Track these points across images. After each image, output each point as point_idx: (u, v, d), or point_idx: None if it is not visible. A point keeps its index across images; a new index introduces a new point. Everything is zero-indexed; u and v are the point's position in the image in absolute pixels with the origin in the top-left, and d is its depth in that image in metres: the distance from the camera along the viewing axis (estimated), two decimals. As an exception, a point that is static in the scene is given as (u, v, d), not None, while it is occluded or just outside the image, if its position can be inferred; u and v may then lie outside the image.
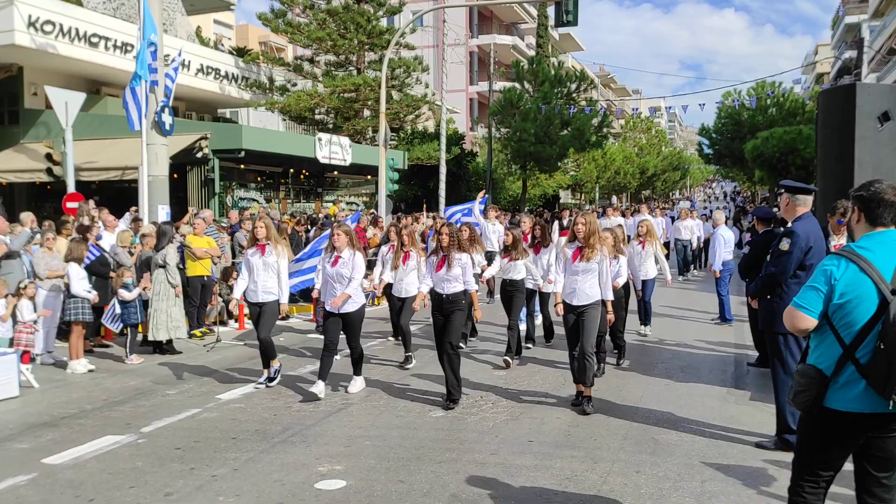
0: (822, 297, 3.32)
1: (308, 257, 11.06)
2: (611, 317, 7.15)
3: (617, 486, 5.06)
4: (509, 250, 9.32)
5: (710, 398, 7.40)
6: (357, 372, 7.81)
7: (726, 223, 13.47)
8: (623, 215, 22.62)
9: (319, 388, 7.38)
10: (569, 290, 6.97)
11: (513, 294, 9.31)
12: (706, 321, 12.21)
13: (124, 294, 9.32)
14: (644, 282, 10.47)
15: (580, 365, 6.86)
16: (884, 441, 3.31)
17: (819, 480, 3.45)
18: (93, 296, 9.01)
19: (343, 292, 7.40)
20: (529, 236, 10.09)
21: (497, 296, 11.24)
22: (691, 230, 18.69)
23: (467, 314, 8.22)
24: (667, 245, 19.73)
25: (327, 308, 7.52)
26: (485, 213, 15.87)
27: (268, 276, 7.83)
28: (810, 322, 3.36)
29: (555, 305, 7.07)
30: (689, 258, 19.09)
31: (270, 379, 7.98)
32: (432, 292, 7.38)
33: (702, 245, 20.06)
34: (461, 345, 9.14)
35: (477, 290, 7.65)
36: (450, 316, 7.21)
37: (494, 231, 14.75)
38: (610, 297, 6.98)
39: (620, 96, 79.22)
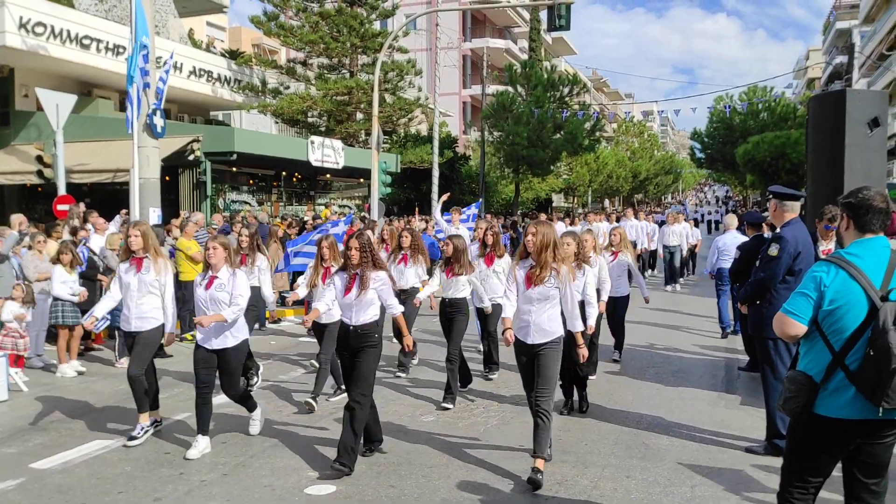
0: (811, 303, 3.33)
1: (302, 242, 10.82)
2: (583, 352, 5.56)
3: (607, 491, 5.06)
4: (451, 263, 7.58)
5: (700, 402, 7.42)
6: (250, 408, 6.37)
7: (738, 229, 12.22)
8: (609, 220, 20.77)
9: (199, 447, 5.85)
10: (520, 325, 5.40)
11: (454, 317, 7.65)
12: (697, 325, 12.22)
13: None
14: (616, 299, 8.80)
15: (534, 424, 5.26)
16: (873, 447, 3.32)
17: (808, 486, 3.46)
18: (76, 298, 8.92)
19: (217, 313, 5.89)
20: (480, 244, 8.41)
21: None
22: (680, 236, 17.28)
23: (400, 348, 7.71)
24: (654, 253, 19.01)
25: (198, 340, 6.00)
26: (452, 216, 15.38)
27: (144, 297, 6.24)
28: (800, 328, 3.37)
29: (503, 332, 5.42)
30: (676, 267, 17.49)
31: (132, 437, 6.12)
32: (340, 324, 5.82)
33: (692, 251, 18.91)
34: (400, 374, 8.61)
35: (404, 312, 6.03)
36: (358, 354, 5.54)
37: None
38: (579, 327, 5.45)
39: (613, 100, 79.44)
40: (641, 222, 18.70)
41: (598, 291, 7.72)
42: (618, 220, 20.72)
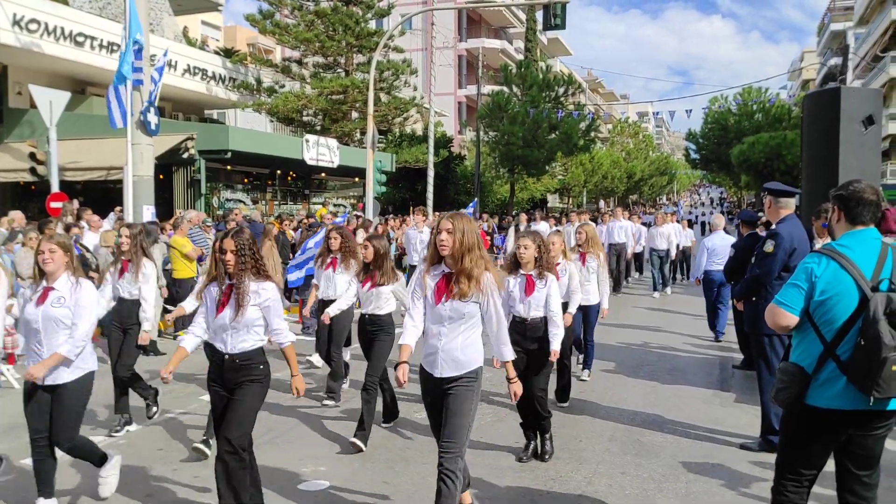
0: (803, 294, 3.36)
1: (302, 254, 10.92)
2: (515, 388, 4.18)
3: (602, 487, 5.05)
4: (370, 270, 6.24)
5: (695, 400, 7.41)
6: (98, 461, 4.82)
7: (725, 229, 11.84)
8: (595, 220, 19.14)
9: None
10: (427, 352, 4.10)
11: (375, 336, 6.25)
12: (690, 324, 12.21)
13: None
14: (586, 308, 7.86)
15: (436, 487, 3.90)
16: (865, 439, 3.33)
17: (801, 479, 3.46)
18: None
19: (54, 353, 4.38)
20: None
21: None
22: (668, 238, 15.93)
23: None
24: (640, 256, 18.08)
25: (29, 377, 4.45)
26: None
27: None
28: (792, 319, 3.39)
29: (396, 367, 4.02)
30: (665, 271, 16.34)
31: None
32: (212, 350, 4.45)
33: (682, 254, 17.98)
34: (328, 402, 7.21)
35: (294, 342, 4.51)
36: (235, 391, 4.27)
37: (422, 241, 12.64)
38: (508, 355, 4.12)
39: (608, 101, 79.55)
40: (627, 223, 17.23)
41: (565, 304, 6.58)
42: (595, 220, 19.17)
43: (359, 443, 5.76)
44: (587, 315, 7.97)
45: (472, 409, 4.00)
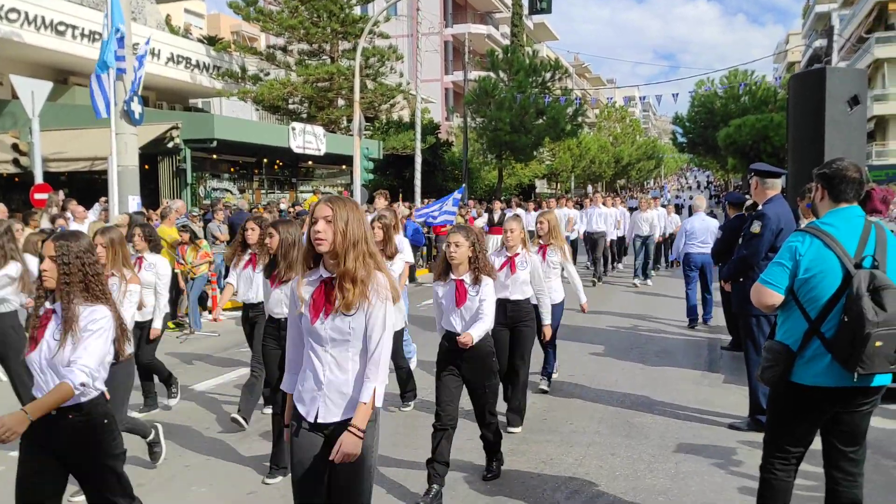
0: (787, 272, 3.38)
1: None
2: (347, 453, 2.84)
3: (592, 469, 5.08)
4: (276, 264, 5.02)
5: (684, 381, 7.45)
6: None
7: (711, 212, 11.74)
8: (581, 206, 18.29)
9: None
10: (302, 389, 3.04)
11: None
12: (678, 307, 12.24)
13: None
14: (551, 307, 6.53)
15: None
16: (851, 416, 3.37)
17: (789, 457, 3.50)
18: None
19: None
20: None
21: None
22: (651, 223, 15.36)
23: None
24: (622, 241, 17.49)
25: None
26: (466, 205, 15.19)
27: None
28: (776, 297, 3.41)
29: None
30: (649, 257, 15.69)
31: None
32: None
33: (669, 240, 17.53)
34: (238, 417, 5.97)
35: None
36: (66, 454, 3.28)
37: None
38: (365, 397, 2.90)
39: (595, 86, 79.48)
40: (608, 209, 16.35)
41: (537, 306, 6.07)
42: (581, 206, 18.30)
43: (269, 480, 4.95)
44: (553, 312, 6.53)
45: (365, 473, 2.93)
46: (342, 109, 26.97)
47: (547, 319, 6.13)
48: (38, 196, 12.92)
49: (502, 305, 5.57)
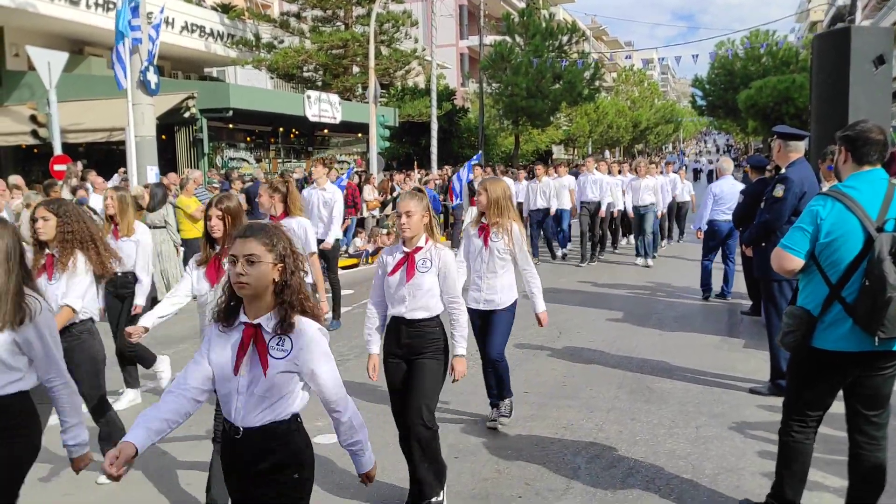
0: (808, 236, 3.36)
1: None
2: None
3: (612, 434, 5.10)
4: (218, 253, 4.04)
5: (703, 347, 7.44)
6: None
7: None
8: (576, 175, 15.33)
9: None
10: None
11: None
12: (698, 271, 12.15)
13: None
14: (488, 314, 5.14)
15: None
16: (872, 379, 3.36)
17: (807, 420, 3.51)
18: None
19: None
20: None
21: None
22: (654, 192, 13.15)
23: None
24: (625, 215, 14.44)
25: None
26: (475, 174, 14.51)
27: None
28: (797, 262, 3.40)
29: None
30: (648, 233, 13.17)
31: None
32: None
33: (677, 210, 16.02)
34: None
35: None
36: None
37: (326, 202, 8.76)
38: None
39: (612, 49, 78.30)
40: (603, 176, 13.48)
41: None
42: (575, 174, 15.61)
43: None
44: (491, 323, 5.15)
45: None
46: (357, 77, 26.79)
47: (460, 348, 4.15)
48: (57, 167, 13.00)
49: (396, 328, 4.06)
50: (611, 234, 14.94)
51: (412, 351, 4.01)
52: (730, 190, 9.66)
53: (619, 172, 14.76)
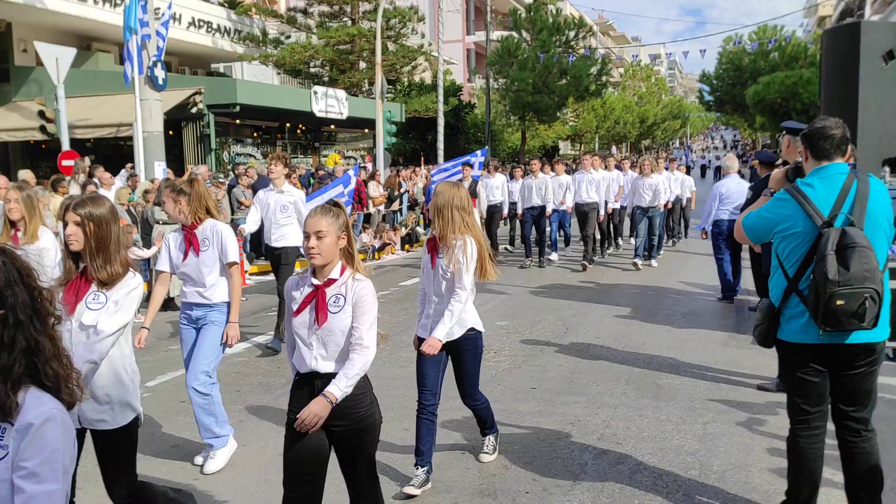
0: (766, 223, 3.53)
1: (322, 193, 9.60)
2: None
3: (620, 430, 5.10)
4: (84, 269, 3.33)
5: (711, 343, 7.42)
6: None
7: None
8: (571, 173, 14.16)
9: None
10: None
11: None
12: (706, 267, 12.10)
13: (140, 252, 8.93)
14: (452, 346, 4.28)
15: None
16: (849, 379, 3.44)
17: (808, 419, 3.50)
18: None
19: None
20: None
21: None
22: (657, 191, 12.42)
23: None
24: (623, 212, 14.11)
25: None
26: (486, 166, 13.87)
27: None
28: (747, 241, 3.75)
29: None
30: (653, 233, 12.65)
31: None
32: None
33: (678, 210, 15.55)
34: None
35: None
36: None
37: (284, 206, 7.51)
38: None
39: (619, 44, 78.03)
40: (602, 174, 12.88)
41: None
42: (571, 172, 14.47)
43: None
44: (453, 361, 4.40)
45: None
46: (364, 72, 26.79)
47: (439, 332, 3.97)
48: (65, 163, 13.06)
49: (308, 384, 3.14)
50: (610, 235, 14.56)
51: (332, 416, 3.02)
52: (735, 189, 9.48)
53: (621, 168, 14.59)
